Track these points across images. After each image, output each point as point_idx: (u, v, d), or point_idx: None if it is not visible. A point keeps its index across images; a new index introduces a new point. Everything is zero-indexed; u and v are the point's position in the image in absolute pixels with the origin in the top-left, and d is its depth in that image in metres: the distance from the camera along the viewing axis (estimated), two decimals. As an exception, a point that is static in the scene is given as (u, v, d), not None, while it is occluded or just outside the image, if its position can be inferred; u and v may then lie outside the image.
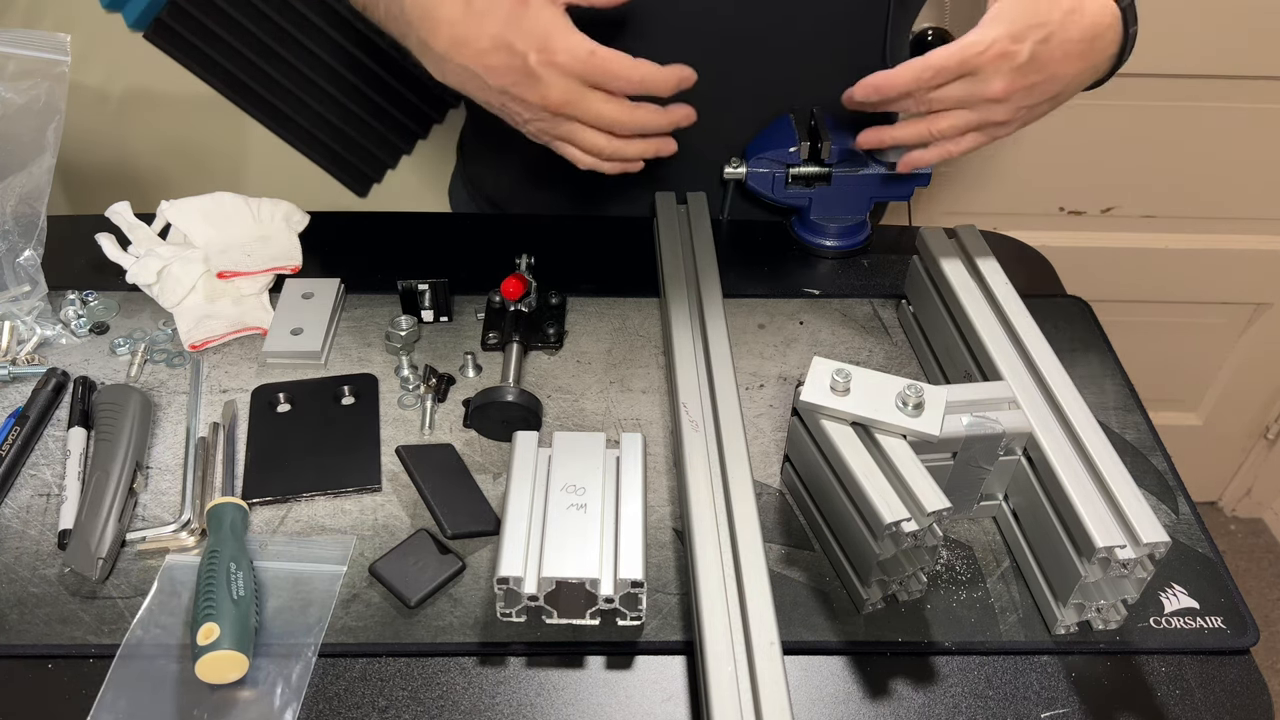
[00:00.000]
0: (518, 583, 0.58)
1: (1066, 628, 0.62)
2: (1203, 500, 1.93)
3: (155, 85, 1.29)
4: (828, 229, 0.92)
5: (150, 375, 0.78)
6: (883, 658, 0.61)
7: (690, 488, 0.64)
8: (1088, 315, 0.86)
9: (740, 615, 0.57)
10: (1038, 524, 0.63)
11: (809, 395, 0.62)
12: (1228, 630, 0.62)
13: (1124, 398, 0.78)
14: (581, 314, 0.85)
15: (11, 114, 0.78)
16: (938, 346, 0.78)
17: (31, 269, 0.81)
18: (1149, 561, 0.58)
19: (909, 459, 0.60)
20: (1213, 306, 1.58)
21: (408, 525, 0.68)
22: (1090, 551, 0.57)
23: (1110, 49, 0.71)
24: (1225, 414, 1.74)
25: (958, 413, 0.63)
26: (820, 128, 0.87)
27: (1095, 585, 0.60)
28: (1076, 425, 0.63)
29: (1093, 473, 0.61)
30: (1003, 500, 0.68)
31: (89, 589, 0.63)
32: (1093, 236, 1.50)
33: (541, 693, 0.59)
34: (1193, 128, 1.38)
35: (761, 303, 0.86)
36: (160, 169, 1.39)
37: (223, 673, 0.57)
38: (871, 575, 0.60)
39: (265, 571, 0.64)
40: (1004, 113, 0.69)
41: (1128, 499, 0.58)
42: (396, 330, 0.80)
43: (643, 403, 0.77)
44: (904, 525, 0.57)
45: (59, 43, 0.79)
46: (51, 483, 0.70)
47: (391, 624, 0.62)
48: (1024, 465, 0.65)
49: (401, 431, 0.74)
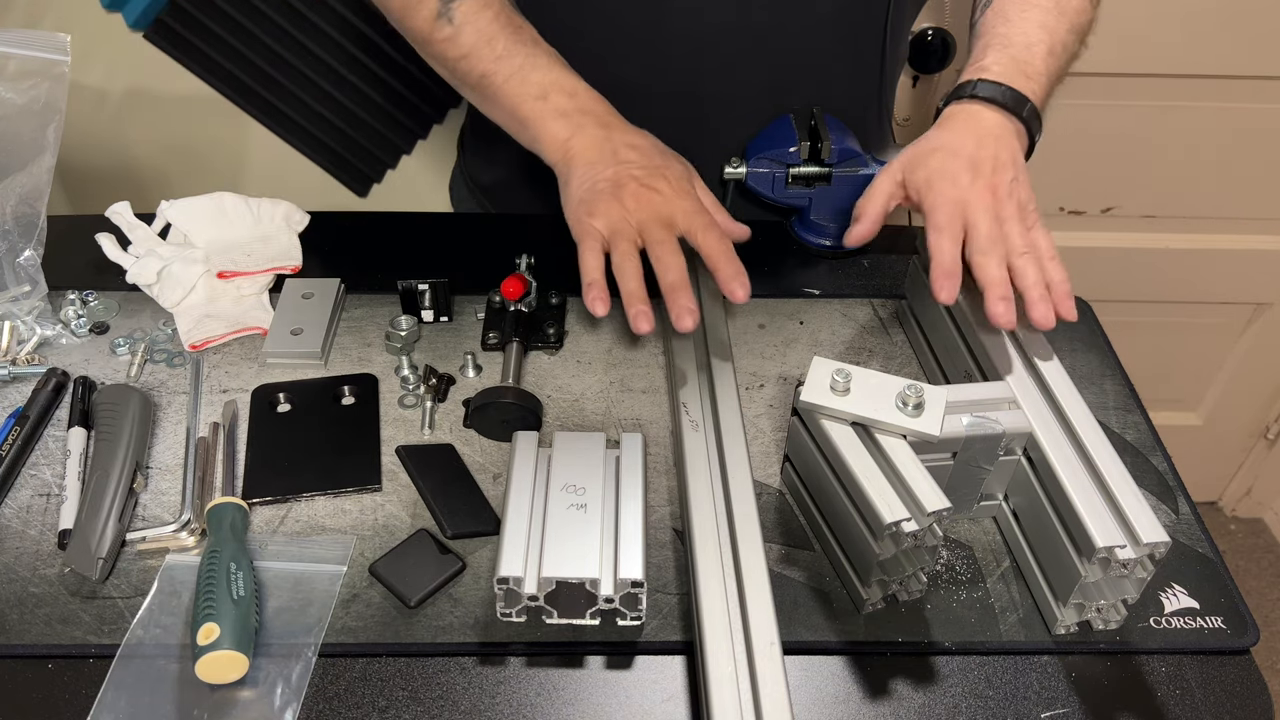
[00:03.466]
0: (518, 583, 0.58)
1: (1067, 628, 0.62)
2: (1203, 500, 1.93)
3: (155, 85, 1.29)
4: (828, 229, 0.92)
5: (150, 375, 0.78)
6: (883, 658, 0.61)
7: (690, 488, 0.64)
8: (1088, 315, 0.86)
9: (740, 615, 0.57)
10: (1038, 524, 0.63)
11: (809, 395, 0.62)
12: (1228, 630, 0.62)
13: (1124, 398, 0.78)
14: (581, 314, 0.85)
15: (11, 114, 0.78)
16: (938, 346, 0.78)
17: (31, 269, 0.81)
18: (1149, 561, 0.58)
19: (909, 459, 0.60)
20: (1213, 306, 1.58)
21: (408, 525, 0.68)
22: (1090, 551, 0.57)
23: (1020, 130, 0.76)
24: (1225, 414, 1.74)
25: (958, 413, 0.63)
26: (820, 128, 0.87)
27: (1095, 585, 0.60)
28: (1076, 425, 0.63)
29: (1093, 473, 0.61)
30: (1003, 500, 0.68)
31: (89, 589, 0.63)
32: (1093, 236, 1.50)
33: (541, 693, 0.59)
34: (1193, 128, 1.38)
35: (761, 303, 0.86)
36: (160, 169, 1.39)
37: (223, 673, 0.57)
38: (872, 575, 0.60)
39: (265, 571, 0.64)
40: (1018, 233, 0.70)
41: (1128, 499, 0.58)
42: (396, 330, 0.80)
43: (643, 403, 0.77)
44: (904, 525, 0.57)
45: (59, 43, 0.79)
46: (51, 483, 0.70)
47: (391, 624, 0.62)
48: (1024, 465, 0.65)
49: (401, 431, 0.74)
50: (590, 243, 0.72)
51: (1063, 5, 0.79)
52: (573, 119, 0.78)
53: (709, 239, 0.71)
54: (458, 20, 0.77)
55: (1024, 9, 0.78)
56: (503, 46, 0.78)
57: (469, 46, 0.78)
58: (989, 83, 0.75)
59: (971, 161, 0.71)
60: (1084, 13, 0.80)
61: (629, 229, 0.72)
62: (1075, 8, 0.79)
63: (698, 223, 0.72)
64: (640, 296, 0.69)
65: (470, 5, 0.78)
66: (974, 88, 0.75)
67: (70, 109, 0.80)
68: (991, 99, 0.74)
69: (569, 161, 0.77)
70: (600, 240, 0.73)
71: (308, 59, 0.96)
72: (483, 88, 0.79)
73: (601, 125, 0.78)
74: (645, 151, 0.77)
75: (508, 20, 0.79)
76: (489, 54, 0.78)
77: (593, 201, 0.74)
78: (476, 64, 0.78)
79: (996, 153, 0.72)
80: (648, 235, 0.72)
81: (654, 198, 0.73)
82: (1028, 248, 0.69)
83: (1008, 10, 0.79)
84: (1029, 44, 0.76)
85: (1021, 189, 0.71)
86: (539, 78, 0.78)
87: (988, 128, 0.74)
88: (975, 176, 0.71)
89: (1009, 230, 0.69)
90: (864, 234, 0.76)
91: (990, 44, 0.78)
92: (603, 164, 0.76)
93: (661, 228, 0.72)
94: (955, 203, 0.70)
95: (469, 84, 0.81)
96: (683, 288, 0.69)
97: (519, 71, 0.78)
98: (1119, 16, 1.19)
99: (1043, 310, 0.66)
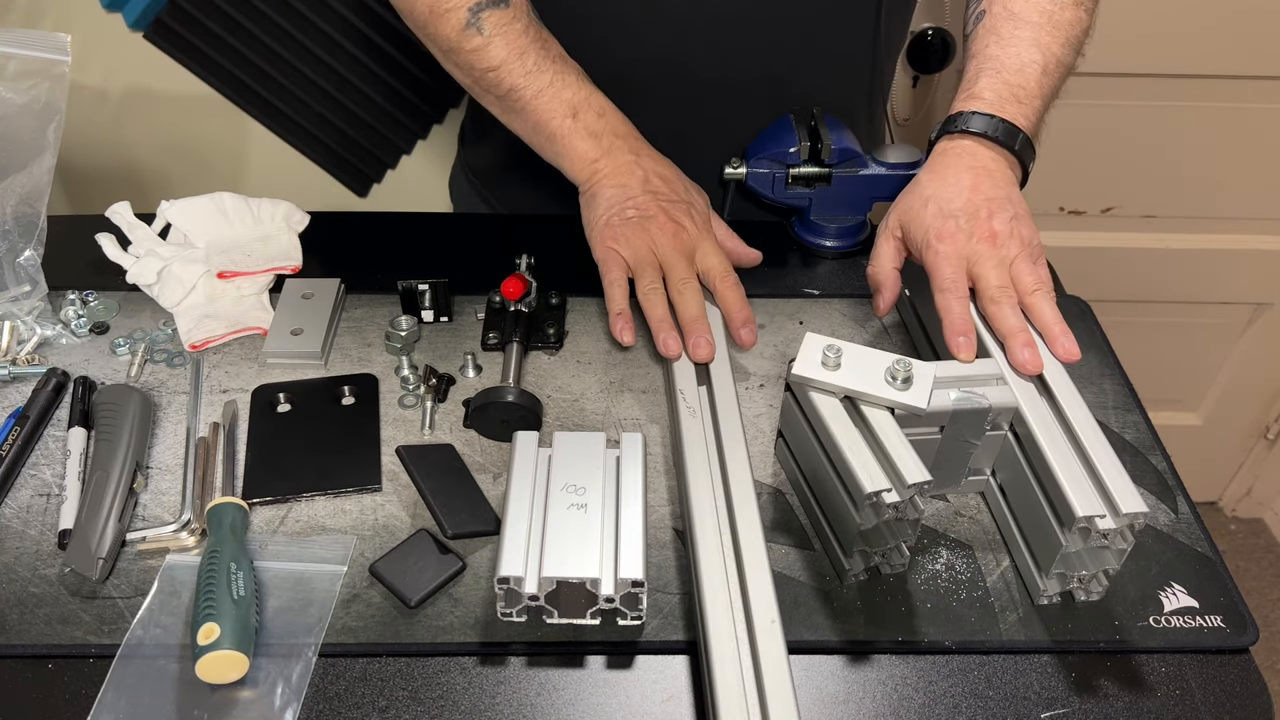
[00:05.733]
0: (518, 582, 0.58)
1: (1049, 597, 0.63)
2: (1203, 500, 1.93)
3: (155, 85, 1.29)
4: (828, 229, 0.92)
5: (150, 375, 0.78)
6: (883, 657, 0.61)
7: (691, 487, 0.64)
8: (1087, 315, 0.86)
9: (744, 613, 0.57)
10: (1022, 496, 0.64)
11: (800, 369, 0.64)
12: (1227, 629, 0.62)
13: (1123, 398, 0.78)
14: (581, 314, 0.85)
15: (11, 114, 0.78)
16: (930, 325, 0.78)
17: (31, 269, 0.81)
18: (1129, 532, 0.59)
19: (893, 432, 0.61)
20: (1213, 306, 1.58)
21: (408, 525, 0.68)
22: (1071, 521, 0.58)
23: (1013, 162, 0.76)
24: (1225, 414, 1.74)
25: (946, 388, 0.64)
26: (820, 128, 0.87)
27: (1077, 555, 0.61)
28: (1061, 401, 0.64)
29: (1075, 446, 0.62)
30: (990, 475, 0.69)
31: (89, 589, 0.63)
32: (1093, 236, 1.50)
33: (542, 693, 0.59)
34: (1193, 128, 1.38)
35: (761, 303, 0.86)
36: (160, 169, 1.39)
37: (223, 673, 0.57)
38: (854, 545, 0.61)
39: (265, 571, 0.64)
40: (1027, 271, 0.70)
41: (1109, 471, 0.59)
42: (396, 330, 0.80)
43: (643, 403, 0.77)
44: (885, 496, 0.58)
45: (59, 43, 0.79)
46: (51, 483, 0.70)
47: (391, 624, 0.62)
48: (1010, 440, 0.66)
49: (401, 431, 0.74)
50: (616, 273, 0.77)
51: (1056, 19, 0.78)
52: (603, 140, 0.80)
53: (725, 287, 0.77)
54: (488, 31, 0.77)
55: (1015, 26, 0.78)
56: (533, 61, 0.78)
57: (500, 60, 0.78)
58: (981, 115, 0.74)
59: (968, 211, 0.71)
60: (1078, 24, 0.79)
61: (653, 259, 0.77)
62: (1069, 20, 0.79)
63: (717, 270, 0.77)
64: (668, 323, 0.75)
65: (500, 16, 0.78)
66: (965, 121, 0.75)
67: (70, 109, 0.80)
68: (983, 134, 0.74)
69: (596, 181, 0.80)
70: (625, 269, 0.77)
71: (308, 59, 0.96)
72: (509, 100, 0.80)
73: (632, 151, 0.80)
74: (671, 182, 0.80)
75: (537, 34, 0.80)
76: (519, 68, 0.78)
77: (620, 228, 0.77)
78: (506, 77, 0.79)
79: (991, 194, 0.72)
80: (671, 272, 0.76)
81: (680, 234, 0.77)
82: (1039, 284, 0.69)
83: (999, 28, 0.78)
84: (1021, 66, 0.76)
85: (1023, 225, 0.71)
86: (569, 95, 0.79)
87: (981, 164, 0.74)
88: (974, 226, 0.70)
89: (1018, 270, 0.70)
90: (889, 301, 0.78)
91: (983, 68, 0.77)
92: (631, 191, 0.78)
93: (685, 265, 0.76)
94: (958, 258, 0.70)
95: (494, 94, 0.81)
96: (701, 321, 0.74)
97: (549, 88, 0.79)
98: (1119, 16, 1.19)
99: (1065, 345, 0.66)
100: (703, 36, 0.86)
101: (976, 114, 0.75)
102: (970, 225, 0.71)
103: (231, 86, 0.95)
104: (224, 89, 0.95)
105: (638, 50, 0.87)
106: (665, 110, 0.82)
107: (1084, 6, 0.80)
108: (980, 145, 0.74)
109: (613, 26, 0.85)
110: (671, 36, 0.86)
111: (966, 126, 0.75)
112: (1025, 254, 0.70)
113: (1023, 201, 0.73)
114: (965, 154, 0.74)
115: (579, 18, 0.81)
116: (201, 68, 0.93)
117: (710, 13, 0.85)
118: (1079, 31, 0.80)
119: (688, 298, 0.75)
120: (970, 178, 0.73)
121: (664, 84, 0.87)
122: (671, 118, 0.79)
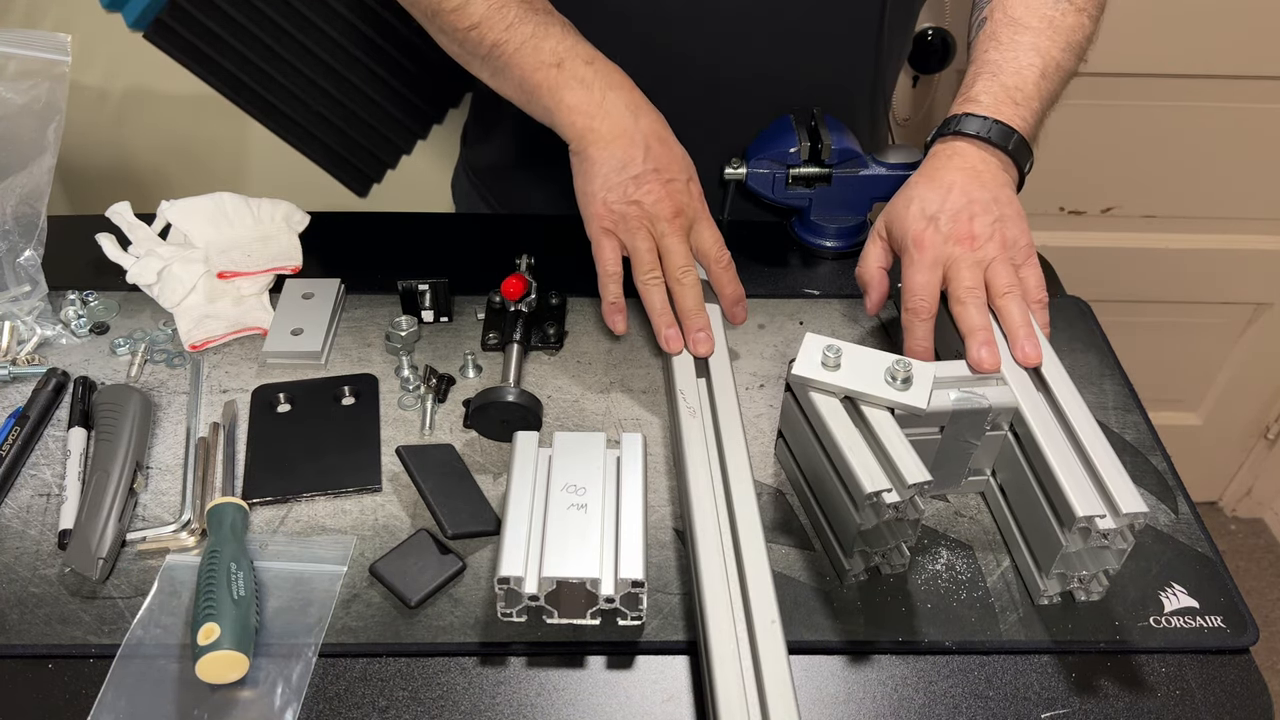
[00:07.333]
0: (518, 583, 0.58)
1: (1049, 597, 0.63)
2: (1203, 500, 1.93)
3: (155, 85, 1.29)
4: (828, 229, 0.92)
5: (150, 375, 0.78)
6: (883, 658, 0.61)
7: (691, 487, 0.64)
8: (1087, 315, 0.86)
9: (744, 613, 0.57)
10: (1023, 496, 0.64)
11: (800, 369, 0.64)
12: (1227, 629, 0.62)
13: (1123, 398, 0.78)
14: (581, 314, 0.85)
15: (12, 114, 0.78)
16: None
17: (31, 269, 0.81)
18: (1129, 532, 0.59)
19: (893, 432, 0.61)
20: (1213, 306, 1.58)
21: (408, 525, 0.68)
22: (1071, 521, 0.58)
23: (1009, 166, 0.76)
24: (1225, 414, 1.74)
25: (945, 388, 0.64)
26: (820, 128, 0.87)
27: (1077, 555, 0.61)
28: (1061, 401, 0.64)
29: (1075, 446, 0.62)
30: (990, 475, 0.69)
31: (89, 589, 0.63)
32: (1093, 236, 1.50)
33: (542, 693, 0.59)
34: (1193, 128, 1.38)
35: (761, 303, 0.86)
36: (160, 169, 1.39)
37: (223, 673, 0.57)
38: (854, 545, 0.61)
39: (265, 571, 0.64)
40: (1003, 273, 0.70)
41: (1109, 471, 0.59)
42: (396, 330, 0.80)
43: (643, 403, 0.77)
44: (885, 496, 0.58)
45: (59, 43, 0.79)
46: (51, 483, 0.70)
47: (392, 624, 0.62)
48: (1010, 440, 0.66)
49: (401, 432, 0.74)
50: (611, 261, 0.76)
51: (1056, 24, 0.78)
52: (594, 92, 0.75)
53: (719, 268, 0.77)
54: None
55: (1015, 31, 0.78)
56: (514, 14, 0.76)
57: (479, 16, 0.76)
58: (975, 117, 0.74)
59: (949, 212, 0.71)
60: (1079, 29, 0.79)
61: (652, 244, 0.75)
62: (1070, 25, 0.78)
63: (712, 251, 0.77)
64: (669, 316, 0.75)
65: None
66: (959, 123, 0.75)
67: (70, 109, 0.80)
68: (976, 135, 0.74)
69: (592, 143, 0.75)
70: (620, 252, 0.76)
71: (308, 59, 0.96)
72: (493, 58, 0.77)
73: (630, 108, 0.76)
74: (668, 144, 0.77)
75: None
76: (500, 22, 0.76)
77: (619, 208, 0.75)
78: (487, 33, 0.76)
79: (977, 196, 0.72)
80: (669, 259, 0.75)
81: (679, 218, 0.75)
82: (1010, 286, 0.69)
83: (999, 34, 0.78)
84: (1019, 69, 0.76)
85: (1008, 227, 0.71)
86: (553, 45, 0.76)
87: (970, 165, 0.74)
88: (954, 228, 0.70)
89: (994, 272, 0.70)
90: (879, 299, 0.78)
91: (980, 72, 0.77)
92: (633, 166, 0.75)
93: (684, 252, 0.75)
94: (933, 264, 0.70)
95: (479, 55, 0.78)
96: (700, 314, 0.74)
97: (531, 39, 0.76)
98: (1119, 16, 1.19)
99: (1026, 349, 0.67)
100: (703, 35, 0.86)
101: (971, 116, 0.75)
102: (950, 227, 0.71)
103: (231, 86, 0.95)
104: (224, 89, 0.95)
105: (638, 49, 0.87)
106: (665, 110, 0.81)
107: (1086, 13, 0.80)
108: (973, 147, 0.74)
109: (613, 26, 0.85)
110: (672, 36, 0.86)
111: (960, 129, 0.75)
112: (1004, 256, 0.70)
113: (1014, 203, 0.73)
114: (956, 156, 0.74)
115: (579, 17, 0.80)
116: (201, 68, 0.93)
117: (711, 11, 0.84)
118: (1080, 37, 0.79)
119: (687, 288, 0.74)
120: (958, 179, 0.73)
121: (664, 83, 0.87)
122: (672, 117, 0.78)
